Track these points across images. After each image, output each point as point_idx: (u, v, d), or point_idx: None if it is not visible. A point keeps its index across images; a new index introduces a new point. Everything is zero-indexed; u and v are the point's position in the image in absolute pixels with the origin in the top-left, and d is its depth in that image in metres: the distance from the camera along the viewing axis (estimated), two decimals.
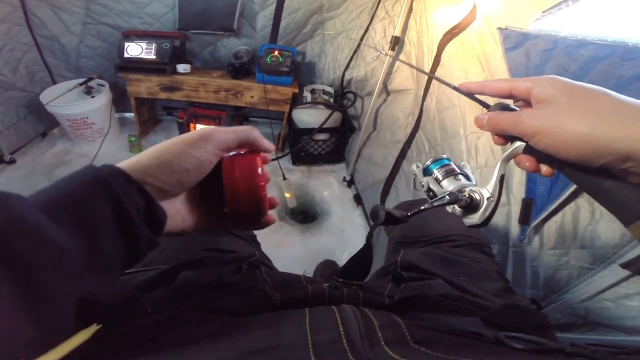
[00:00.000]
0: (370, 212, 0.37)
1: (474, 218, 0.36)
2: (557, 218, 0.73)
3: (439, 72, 1.20)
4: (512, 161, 0.38)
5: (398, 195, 1.45)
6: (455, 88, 0.39)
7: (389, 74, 1.59)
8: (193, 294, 0.39)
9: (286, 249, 1.47)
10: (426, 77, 1.27)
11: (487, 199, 0.35)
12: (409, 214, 0.37)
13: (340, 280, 0.48)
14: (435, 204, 0.37)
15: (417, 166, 0.44)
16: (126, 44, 1.70)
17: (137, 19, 1.76)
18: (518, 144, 0.32)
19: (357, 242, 1.51)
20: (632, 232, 0.27)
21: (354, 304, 0.42)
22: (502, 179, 0.35)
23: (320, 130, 1.84)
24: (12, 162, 1.71)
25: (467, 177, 0.40)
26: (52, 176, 1.67)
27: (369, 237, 0.93)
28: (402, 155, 1.46)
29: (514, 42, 0.84)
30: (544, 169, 0.33)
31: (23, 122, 1.79)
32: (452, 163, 0.41)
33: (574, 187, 0.68)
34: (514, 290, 0.55)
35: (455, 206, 0.37)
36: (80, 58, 1.87)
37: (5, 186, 1.58)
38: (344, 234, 1.60)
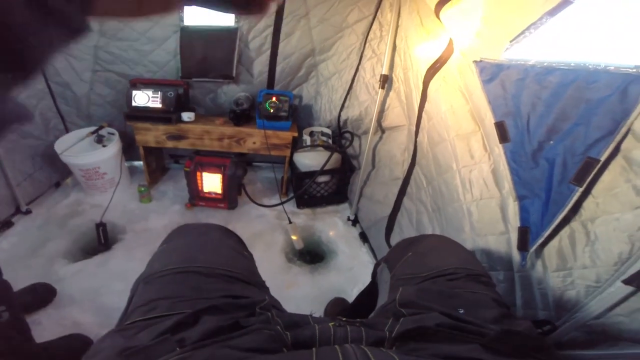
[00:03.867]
0: None
1: None
2: (554, 242, 0.75)
3: (426, 108, 1.26)
4: (498, 200, 0.38)
5: (402, 231, 1.47)
6: None
7: (381, 111, 1.66)
8: (214, 335, 0.43)
9: (296, 290, 1.47)
10: (417, 112, 1.32)
11: None
12: None
13: (344, 319, 0.52)
14: None
15: None
16: (134, 93, 1.78)
17: (142, 67, 1.86)
18: None
19: (365, 279, 1.49)
20: None
21: (358, 340, 0.46)
22: None
23: (322, 172, 1.89)
24: (28, 212, 1.77)
25: None
26: (66, 226, 1.71)
27: (374, 274, 0.95)
28: (402, 192, 1.49)
29: (490, 73, 0.90)
30: None
31: (39, 173, 1.86)
32: None
33: (564, 213, 0.71)
34: (514, 315, 0.57)
35: None
36: (90, 105, 1.96)
37: (22, 235, 1.63)
38: (352, 272, 1.59)
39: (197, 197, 1.95)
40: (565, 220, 0.72)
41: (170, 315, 0.49)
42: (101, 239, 1.64)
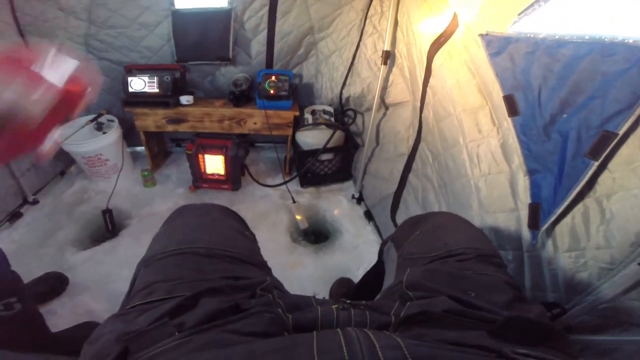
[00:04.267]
0: None
1: None
2: (567, 220, 0.72)
3: (431, 83, 1.22)
4: (508, 175, 0.36)
5: (408, 209, 1.45)
6: None
7: (384, 88, 1.61)
8: (213, 318, 0.42)
9: (301, 270, 1.48)
10: (422, 88, 1.28)
11: None
12: None
13: (348, 301, 0.50)
14: None
15: None
16: (129, 79, 1.77)
17: (136, 53, 1.84)
18: None
19: (371, 258, 1.50)
20: None
21: (361, 324, 0.45)
22: None
23: (325, 150, 1.86)
24: (35, 202, 1.79)
25: None
26: (74, 214, 1.73)
27: (380, 253, 0.93)
28: (408, 168, 1.46)
29: (497, 47, 0.85)
30: None
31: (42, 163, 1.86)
32: None
33: (578, 188, 0.67)
34: (527, 298, 0.54)
35: None
36: None
37: (31, 225, 1.65)
38: (357, 251, 1.59)
39: (200, 180, 1.95)
40: (579, 197, 0.69)
41: (169, 298, 0.48)
42: (108, 226, 1.66)
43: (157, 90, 1.79)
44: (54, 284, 1.31)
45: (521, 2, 0.76)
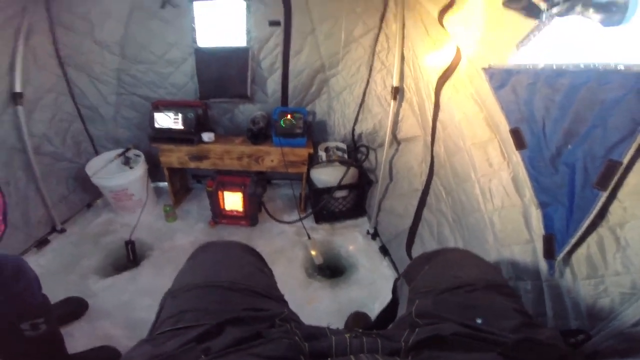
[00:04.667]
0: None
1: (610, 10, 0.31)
2: (582, 250, 0.72)
3: (440, 117, 1.26)
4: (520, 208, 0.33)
5: (423, 243, 1.44)
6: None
7: (395, 123, 1.66)
8: (237, 344, 0.46)
9: (317, 304, 1.47)
10: (431, 122, 1.30)
11: None
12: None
13: (360, 330, 0.53)
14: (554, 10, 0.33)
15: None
16: (156, 115, 1.86)
17: (163, 89, 1.95)
18: None
19: (387, 292, 1.47)
20: None
21: (373, 350, 0.47)
22: None
23: (339, 188, 1.90)
24: (62, 231, 1.88)
25: None
26: (98, 244, 1.80)
27: (394, 290, 0.94)
28: (422, 203, 1.47)
29: (500, 80, 0.89)
30: None
31: (73, 195, 1.98)
32: None
33: (590, 219, 0.68)
34: (537, 324, 0.55)
35: (586, 9, 0.33)
36: (117, 128, 2.06)
37: (57, 252, 1.73)
38: (373, 286, 1.57)
39: (219, 215, 2.00)
40: (592, 226, 0.69)
41: (196, 326, 0.52)
42: (130, 256, 1.71)
43: (181, 127, 1.87)
44: (74, 308, 1.35)
45: (518, 33, 0.80)
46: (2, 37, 1.48)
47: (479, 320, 0.52)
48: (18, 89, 1.56)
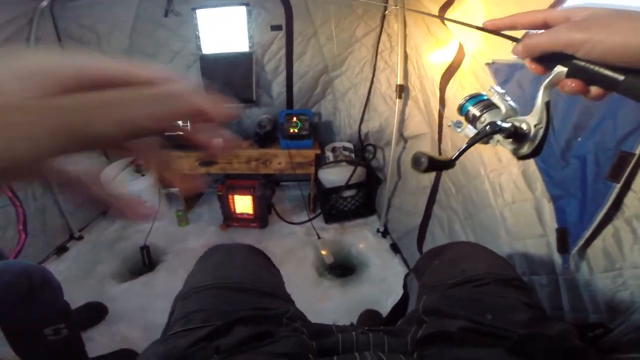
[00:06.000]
0: (412, 159, 0.35)
1: (524, 148, 0.33)
2: (597, 242, 0.71)
3: (446, 114, 1.25)
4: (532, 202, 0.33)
5: (434, 239, 1.44)
6: (480, 28, 0.36)
7: (401, 121, 1.66)
8: (247, 342, 0.47)
9: (328, 303, 1.47)
10: (437, 119, 1.31)
11: (535, 125, 0.32)
12: (454, 157, 0.37)
13: (367, 327, 0.53)
14: (478, 137, 0.35)
15: (450, 123, 0.42)
16: None
17: None
18: (559, 69, 0.30)
19: (399, 289, 1.48)
20: None
21: (379, 347, 0.48)
22: (547, 106, 0.32)
23: (347, 187, 1.91)
24: (80, 238, 1.94)
25: (509, 108, 0.37)
26: (114, 250, 1.85)
27: (405, 286, 0.94)
28: (432, 200, 1.46)
29: (504, 75, 0.88)
30: (594, 90, 0.30)
31: (87, 202, 2.01)
32: (490, 98, 0.38)
33: (604, 211, 0.67)
34: (548, 318, 0.54)
35: (500, 138, 0.34)
36: None
37: (76, 258, 1.79)
38: (385, 283, 1.57)
39: (230, 219, 2.03)
40: (607, 219, 0.68)
41: (206, 326, 0.53)
42: (145, 261, 1.75)
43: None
44: (95, 313, 1.39)
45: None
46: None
47: (489, 316, 0.52)
48: None
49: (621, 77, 0.26)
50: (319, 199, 2.12)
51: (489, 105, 0.37)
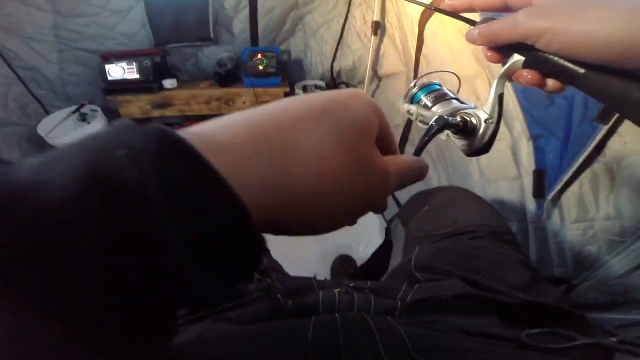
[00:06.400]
0: None
1: (473, 145, 0.32)
2: (574, 188, 0.68)
3: (424, 52, 1.16)
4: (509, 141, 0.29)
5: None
6: (436, 9, 0.33)
7: (376, 59, 1.56)
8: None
9: (300, 250, 1.47)
10: (414, 58, 1.22)
11: (485, 120, 0.31)
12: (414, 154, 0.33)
13: (352, 285, 0.47)
14: (429, 136, 0.32)
15: (404, 99, 0.39)
16: (107, 67, 1.71)
17: (112, 41, 1.76)
18: (516, 58, 0.28)
19: (371, 233, 1.50)
20: None
21: (365, 309, 0.42)
22: (500, 99, 0.31)
23: None
24: None
25: (461, 102, 0.36)
26: None
27: (387, 232, 0.89)
28: (404, 139, 1.44)
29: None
30: (550, 83, 0.28)
31: (29, 156, 1.82)
32: (443, 88, 0.36)
33: (587, 152, 0.63)
34: (542, 279, 0.50)
35: (450, 134, 0.33)
36: (66, 85, 1.89)
37: None
38: (357, 227, 1.55)
39: None
40: (588, 162, 0.64)
41: None
42: None
43: (137, 76, 1.73)
44: None
45: None
46: None
47: (485, 274, 0.47)
48: None
49: (581, 71, 0.24)
50: None
51: (442, 96, 0.35)
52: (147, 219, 0.12)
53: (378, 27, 1.45)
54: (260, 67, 1.75)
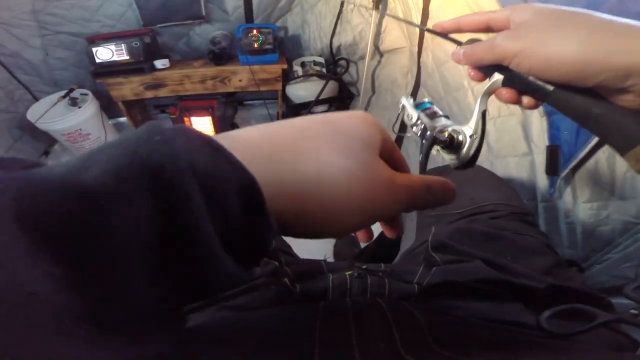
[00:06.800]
0: None
1: (459, 159, 0.34)
2: (589, 166, 0.65)
3: (429, 26, 1.09)
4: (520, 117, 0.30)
5: (409, 156, 1.40)
6: (428, 30, 0.37)
7: (377, 34, 1.48)
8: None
9: None
10: (418, 32, 1.16)
11: (470, 136, 0.33)
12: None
13: (364, 267, 0.43)
14: (424, 154, 0.35)
15: (407, 98, 0.41)
16: (94, 49, 1.63)
17: (96, 23, 1.68)
18: (496, 77, 0.30)
19: None
20: (628, 161, 0.25)
21: (379, 294, 0.39)
22: (484, 115, 0.33)
23: (318, 102, 1.76)
24: None
25: (448, 119, 0.37)
26: None
27: None
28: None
29: None
30: (526, 100, 0.31)
31: (21, 144, 1.80)
32: (434, 106, 0.39)
33: None
34: (566, 264, 0.47)
35: (439, 149, 0.36)
36: (52, 71, 1.82)
37: None
38: None
39: None
40: None
41: None
42: None
43: (127, 57, 1.66)
44: None
45: None
46: None
47: (508, 257, 0.44)
48: None
49: (551, 88, 0.27)
50: (288, 116, 1.95)
51: (433, 114, 0.37)
52: (186, 201, 0.14)
53: (380, 1, 1.36)
54: (256, 44, 1.67)
